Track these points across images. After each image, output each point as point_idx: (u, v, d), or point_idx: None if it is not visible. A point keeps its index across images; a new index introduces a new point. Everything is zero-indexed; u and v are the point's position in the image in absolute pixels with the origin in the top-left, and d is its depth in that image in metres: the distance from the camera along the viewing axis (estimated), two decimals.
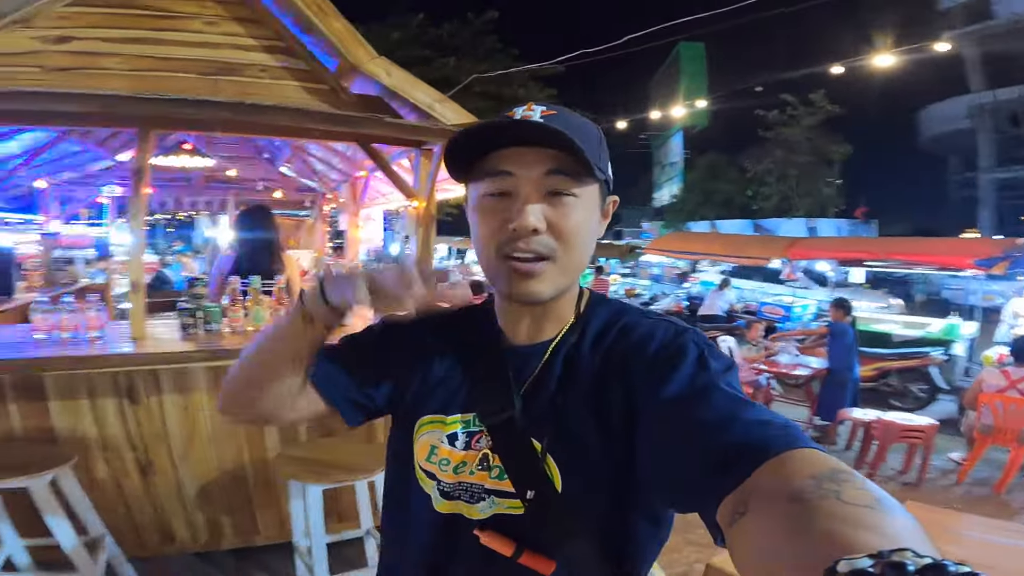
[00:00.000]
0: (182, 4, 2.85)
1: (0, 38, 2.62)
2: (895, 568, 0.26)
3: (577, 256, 0.70)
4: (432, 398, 0.78)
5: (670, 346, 0.67)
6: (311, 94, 2.98)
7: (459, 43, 12.55)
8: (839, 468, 0.43)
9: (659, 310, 9.89)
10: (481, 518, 0.71)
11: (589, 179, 0.68)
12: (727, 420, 0.54)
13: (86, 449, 2.43)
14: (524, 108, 0.69)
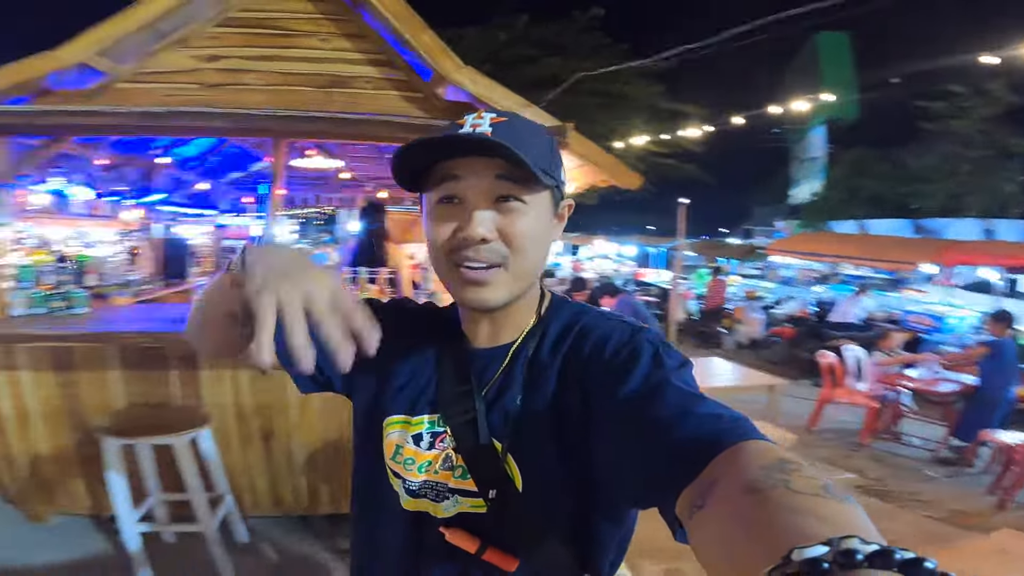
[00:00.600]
0: (301, 23, 3.14)
1: (165, 57, 3.06)
2: (845, 555, 0.27)
3: (529, 261, 0.71)
4: (399, 399, 0.80)
5: (626, 346, 0.68)
6: (409, 102, 3.18)
7: (565, 41, 12.46)
8: (787, 458, 0.44)
9: (781, 314, 9.26)
10: (446, 516, 0.73)
11: (537, 186, 0.68)
12: (680, 415, 0.55)
13: (223, 415, 2.79)
14: (475, 116, 0.70)
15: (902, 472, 4.32)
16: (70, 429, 2.73)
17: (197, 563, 2.61)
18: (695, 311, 10.56)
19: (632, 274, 15.37)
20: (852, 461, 4.45)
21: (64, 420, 2.72)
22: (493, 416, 0.74)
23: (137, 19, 2.72)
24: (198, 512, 2.49)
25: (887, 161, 23.30)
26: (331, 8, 3.15)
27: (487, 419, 0.73)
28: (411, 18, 2.93)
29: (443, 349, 0.80)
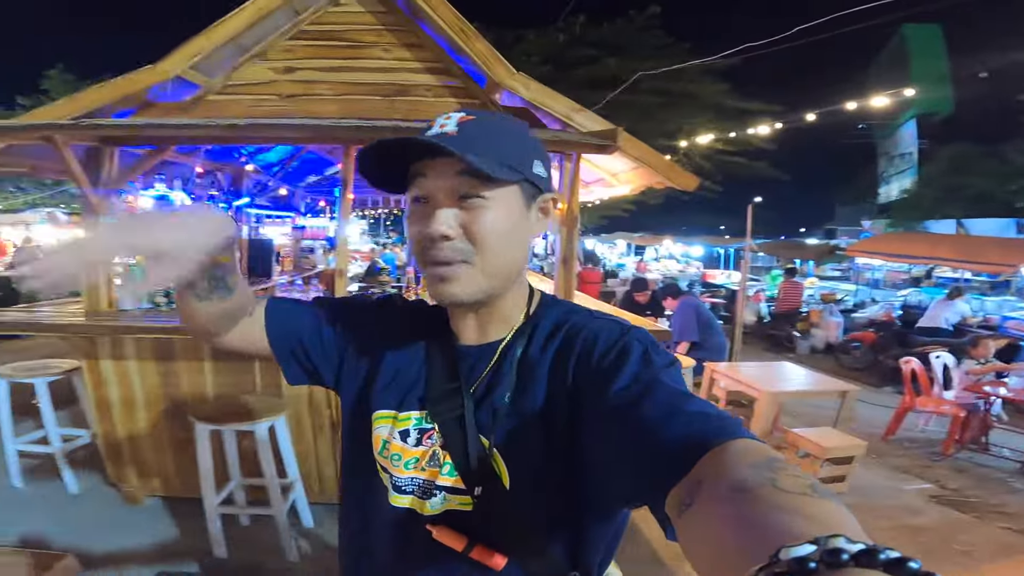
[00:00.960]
0: (364, 35, 3.28)
1: (247, 70, 3.27)
2: (832, 554, 0.28)
3: (499, 258, 0.70)
4: (387, 394, 0.80)
5: (615, 345, 0.68)
6: (465, 107, 3.27)
7: (624, 41, 12.26)
8: (775, 456, 0.44)
9: (863, 318, 8.74)
10: (433, 513, 0.73)
11: (499, 182, 0.68)
12: (669, 414, 0.55)
13: (297, 405, 2.97)
14: (443, 116, 0.71)
15: (987, 483, 4.03)
16: (167, 415, 3.00)
17: (266, 546, 2.80)
18: (766, 314, 10.15)
19: (699, 275, 14.96)
20: (932, 471, 4.19)
21: (162, 407, 2.99)
22: (481, 413, 0.74)
23: (222, 34, 2.93)
24: (271, 497, 2.65)
25: (993, 157, 21.37)
26: (391, 19, 3.27)
27: (475, 416, 0.73)
28: (465, 27, 3.01)
29: (432, 345, 0.81)
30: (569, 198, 3.05)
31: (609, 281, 12.23)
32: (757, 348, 9.17)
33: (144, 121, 2.98)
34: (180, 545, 2.79)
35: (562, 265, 3.15)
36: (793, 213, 46.88)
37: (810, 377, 4.43)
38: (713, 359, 4.71)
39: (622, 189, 4.16)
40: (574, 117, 2.99)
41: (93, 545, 2.71)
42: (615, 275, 13.85)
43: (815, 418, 4.99)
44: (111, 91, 2.89)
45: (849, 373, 7.24)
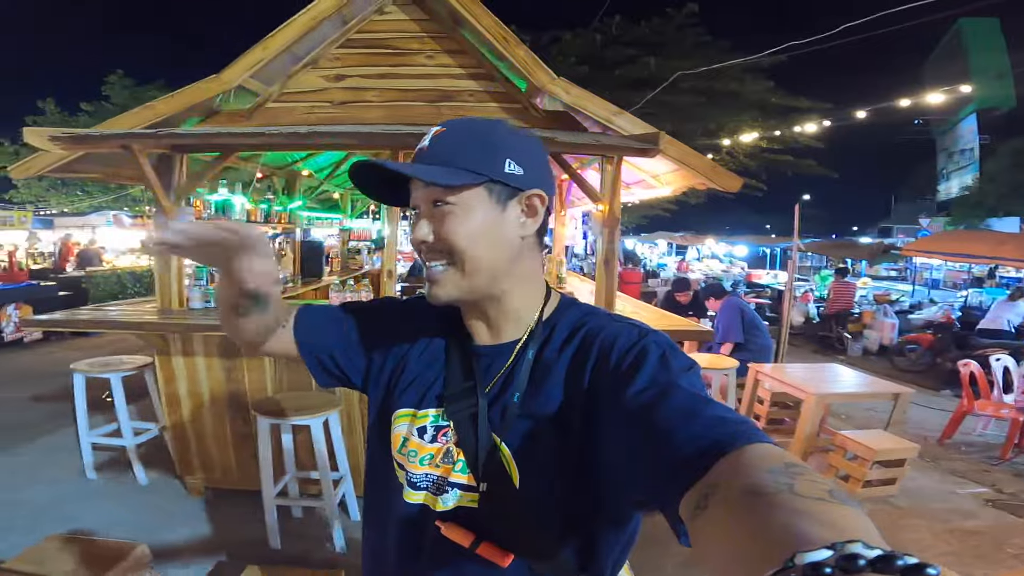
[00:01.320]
0: (408, 42, 3.37)
1: (301, 78, 3.40)
2: (848, 559, 0.27)
3: (475, 258, 0.72)
4: (408, 393, 0.82)
5: (633, 348, 0.68)
6: (508, 112, 3.34)
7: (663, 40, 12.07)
8: (792, 462, 0.44)
9: (919, 319, 8.40)
10: (444, 509, 0.75)
11: (456, 187, 0.70)
12: (685, 418, 0.54)
13: (350, 401, 3.08)
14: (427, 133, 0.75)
15: None
16: (229, 410, 3.16)
17: (315, 537, 2.92)
18: (815, 315, 9.86)
19: (743, 275, 14.63)
20: (988, 475, 4.03)
21: (226, 401, 3.15)
22: (494, 412, 0.75)
23: (278, 43, 3.07)
24: (324, 489, 2.77)
25: None
26: (434, 27, 3.35)
27: (488, 415, 0.75)
28: (506, 34, 3.07)
29: (452, 345, 0.83)
30: (610, 200, 3.07)
31: (650, 281, 12.11)
32: (805, 350, 8.92)
33: (215, 130, 3.15)
34: (238, 535, 2.92)
35: (603, 266, 3.17)
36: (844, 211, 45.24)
37: (861, 379, 4.31)
38: (758, 360, 4.64)
39: (663, 190, 4.15)
40: (614, 120, 3.01)
41: (160, 535, 2.86)
42: (656, 275, 13.70)
43: (866, 421, 4.88)
44: (181, 100, 3.07)
45: (904, 376, 6.98)
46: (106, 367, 3.44)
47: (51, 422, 4.48)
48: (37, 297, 7.79)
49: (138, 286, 9.67)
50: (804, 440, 3.79)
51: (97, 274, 9.40)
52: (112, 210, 14.23)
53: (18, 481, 3.47)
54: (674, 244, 19.75)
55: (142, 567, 1.93)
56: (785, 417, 4.50)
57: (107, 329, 3.04)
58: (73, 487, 3.42)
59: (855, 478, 3.47)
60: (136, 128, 3.01)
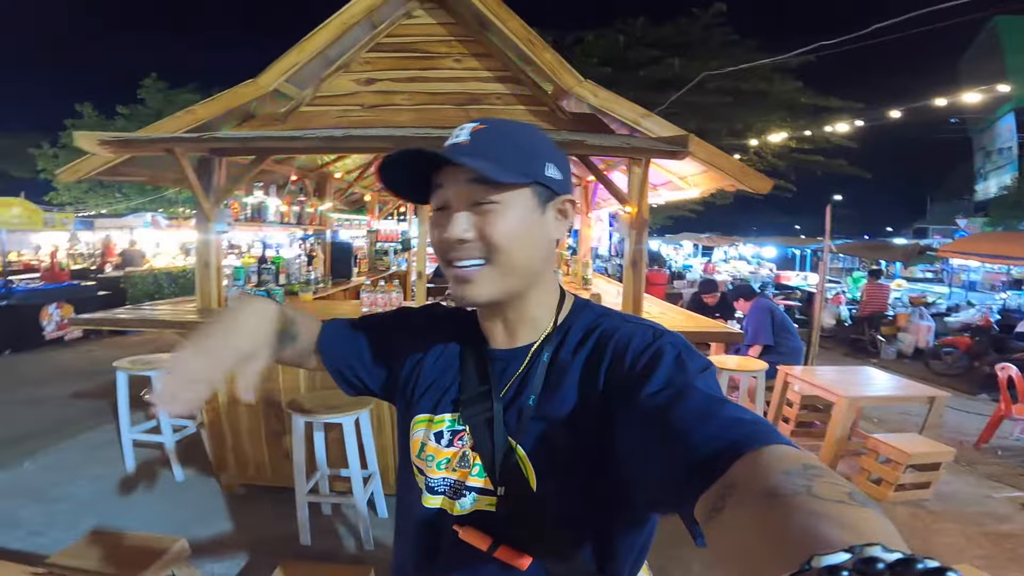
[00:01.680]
0: (436, 46, 3.42)
1: (333, 82, 3.47)
2: (866, 563, 0.27)
3: (515, 258, 0.72)
4: (426, 398, 0.83)
5: (647, 349, 0.68)
6: (535, 115, 3.36)
7: (689, 40, 11.94)
8: (810, 463, 0.43)
9: (956, 322, 8.16)
10: (462, 513, 0.75)
11: (508, 186, 0.70)
12: (702, 419, 0.54)
13: (380, 401, 3.14)
14: (459, 128, 0.74)
15: None
16: (264, 408, 3.24)
17: (344, 534, 2.98)
18: (847, 317, 9.66)
19: (771, 277, 14.39)
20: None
21: (260, 400, 3.23)
22: (510, 416, 0.75)
23: (311, 47, 3.14)
24: (354, 487, 2.82)
25: None
26: (460, 31, 3.39)
27: (504, 418, 0.75)
28: (533, 38, 3.10)
29: (466, 349, 0.84)
30: (639, 202, 3.08)
31: (675, 283, 12.01)
32: (836, 353, 8.75)
33: (255, 133, 3.24)
34: (270, 531, 2.98)
35: (631, 268, 3.17)
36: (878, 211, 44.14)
37: (894, 382, 4.23)
38: (788, 363, 4.58)
39: (691, 192, 4.12)
40: (642, 122, 3.02)
41: (195, 531, 2.94)
42: (682, 277, 13.58)
43: (900, 425, 4.79)
44: (219, 104, 3.17)
45: (940, 379, 6.81)
46: (148, 365, 3.55)
47: (92, 419, 4.64)
48: (78, 297, 8.08)
49: (174, 287, 9.96)
50: (835, 443, 3.74)
51: (135, 274, 9.71)
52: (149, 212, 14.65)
53: (62, 477, 3.60)
54: (699, 245, 19.50)
55: (181, 561, 1.99)
56: (815, 420, 4.43)
57: (152, 328, 3.13)
58: (114, 483, 3.54)
59: (887, 482, 3.43)
60: (178, 132, 3.12)
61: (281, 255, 4.62)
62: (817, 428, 4.40)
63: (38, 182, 16.69)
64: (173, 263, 11.70)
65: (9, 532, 2.93)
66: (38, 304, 7.50)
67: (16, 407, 5.01)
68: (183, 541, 1.99)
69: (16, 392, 5.49)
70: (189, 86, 16.40)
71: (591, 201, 5.55)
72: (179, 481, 3.56)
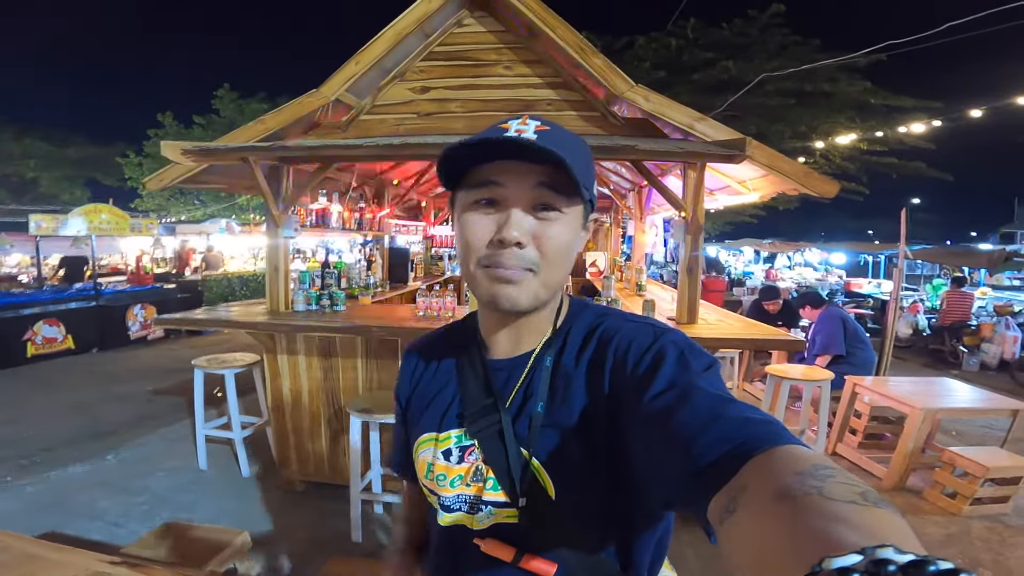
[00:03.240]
0: (487, 53, 3.47)
1: (390, 91, 3.58)
2: (878, 564, 0.27)
3: (557, 271, 0.71)
4: (427, 417, 0.83)
5: (650, 349, 0.67)
6: (586, 120, 3.36)
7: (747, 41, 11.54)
8: (822, 463, 0.43)
9: None
10: (481, 528, 0.75)
11: (576, 197, 0.69)
12: (710, 419, 0.53)
13: None
14: (519, 121, 0.68)
15: None
16: (325, 406, 3.37)
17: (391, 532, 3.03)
18: (925, 326, 9.06)
19: (841, 284, 13.68)
20: None
21: (322, 398, 3.37)
22: (519, 425, 0.74)
23: (368, 58, 3.26)
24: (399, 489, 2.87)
25: None
26: (510, 38, 3.43)
27: (513, 429, 0.74)
28: (583, 44, 3.09)
29: (464, 363, 0.82)
30: (694, 207, 3.02)
31: (735, 290, 11.63)
32: (914, 364, 8.22)
33: (321, 142, 3.39)
34: (324, 527, 3.08)
35: (686, 274, 3.12)
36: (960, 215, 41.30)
37: (974, 394, 3.95)
38: (859, 374, 4.35)
39: (751, 196, 4.00)
40: (696, 126, 2.96)
41: (257, 524, 3.09)
42: (742, 283, 13.13)
43: (981, 439, 4.48)
44: (287, 114, 3.34)
45: None
46: (222, 364, 3.76)
47: (171, 415, 4.96)
48: (160, 299, 8.66)
49: (245, 290, 10.52)
50: (907, 456, 3.55)
51: (211, 278, 10.31)
52: (224, 218, 15.51)
53: (140, 471, 3.85)
54: (762, 252, 18.78)
55: (242, 554, 2.10)
56: (886, 432, 4.19)
57: (226, 328, 3.33)
58: (187, 477, 3.76)
59: (963, 495, 3.28)
60: (250, 141, 3.31)
61: (343, 260, 4.79)
62: (887, 440, 4.17)
63: (125, 190, 18.03)
64: (245, 267, 12.34)
65: (89, 523, 3.15)
66: (124, 305, 8.09)
67: (103, 403, 5.38)
68: (245, 535, 2.09)
69: (103, 389, 5.92)
70: (259, 95, 17.33)
71: (644, 206, 5.47)
72: (245, 476, 3.73)
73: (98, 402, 5.42)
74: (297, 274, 3.64)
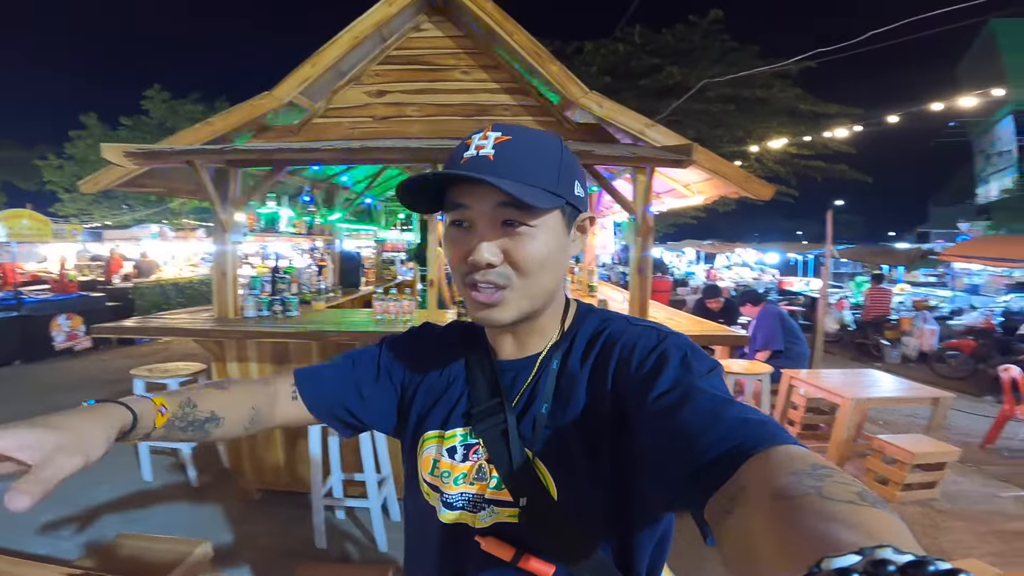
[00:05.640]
0: (445, 58, 3.49)
1: (345, 94, 3.54)
2: (877, 565, 0.27)
3: (539, 282, 0.71)
4: (433, 415, 0.83)
5: (653, 352, 0.68)
6: (542, 125, 3.42)
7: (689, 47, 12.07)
8: (819, 463, 0.43)
9: (959, 325, 8.20)
10: (483, 526, 0.75)
11: (540, 209, 0.67)
12: (710, 420, 0.54)
13: None
14: (480, 136, 0.69)
15: None
16: None
17: (357, 538, 3.02)
18: (850, 322, 9.71)
19: (775, 283, 14.44)
20: None
21: None
22: (523, 426, 0.75)
23: (324, 60, 3.21)
24: (368, 491, 2.87)
25: None
26: (468, 43, 3.47)
27: (518, 429, 0.75)
28: (539, 50, 3.17)
29: (472, 362, 0.83)
30: (643, 210, 3.15)
31: (679, 289, 12.08)
32: (843, 357, 8.81)
33: (273, 145, 3.31)
34: (286, 535, 3.03)
35: (637, 274, 3.23)
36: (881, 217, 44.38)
37: (898, 384, 4.27)
38: (794, 367, 4.63)
39: (695, 199, 4.19)
40: (647, 132, 3.08)
41: (214, 535, 2.99)
42: (685, 283, 13.65)
43: (907, 427, 4.86)
44: (236, 117, 3.25)
45: (945, 382, 6.86)
46: (164, 373, 3.61)
47: None
48: (87, 308, 8.13)
49: (182, 297, 10.04)
50: (840, 445, 3.79)
51: (143, 285, 9.80)
52: (154, 223, 14.77)
53: (81, 484, 3.61)
54: (702, 252, 19.57)
55: (205, 564, 2.03)
56: (820, 423, 4.48)
57: (172, 336, 3.20)
58: (132, 490, 3.58)
59: (894, 482, 3.47)
60: (196, 144, 3.20)
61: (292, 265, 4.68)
62: (822, 431, 4.45)
63: (44, 194, 16.85)
64: (180, 274, 11.79)
65: (33, 537, 2.99)
66: (48, 315, 7.56)
67: (33, 416, 5.02)
68: (207, 544, 2.02)
69: (33, 401, 5.54)
70: (192, 96, 16.58)
71: (595, 209, 5.62)
72: (195, 487, 3.61)
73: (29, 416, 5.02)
74: (246, 279, 3.54)
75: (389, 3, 3.22)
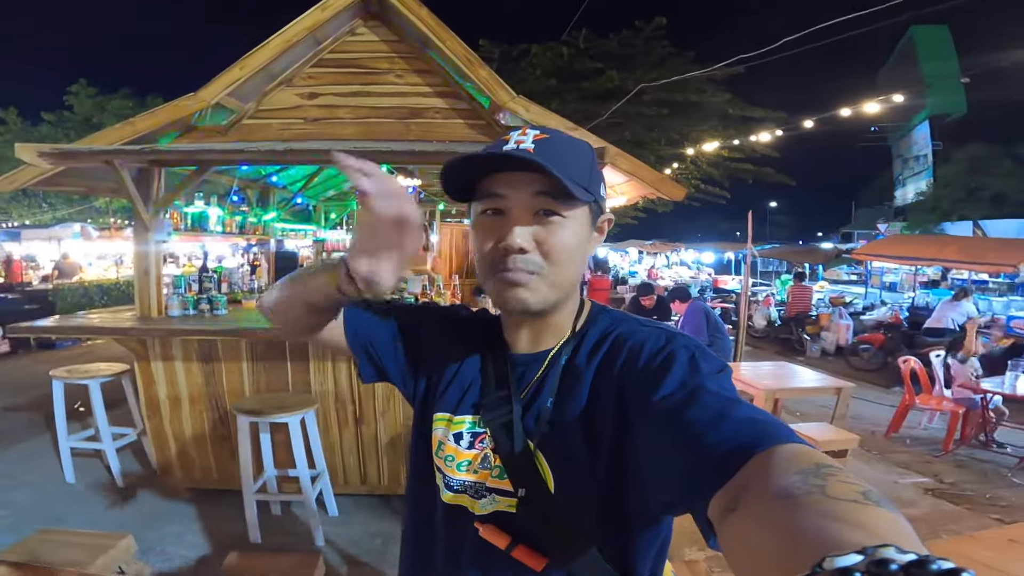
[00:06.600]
0: (379, 62, 3.56)
1: (276, 96, 3.56)
2: (879, 564, 0.26)
3: (565, 272, 0.73)
4: (444, 397, 0.84)
5: (661, 352, 0.69)
6: (472, 128, 3.55)
7: (631, 52, 12.50)
8: (824, 462, 0.43)
9: (871, 320, 8.85)
10: (483, 513, 0.76)
11: (575, 201, 0.70)
12: (716, 420, 0.54)
13: (326, 401, 3.21)
14: (519, 132, 0.72)
15: (985, 478, 4.17)
16: (209, 411, 3.28)
17: (294, 532, 3.05)
18: (776, 318, 10.30)
19: (710, 281, 15.11)
20: (931, 466, 4.34)
21: (205, 403, 3.27)
22: (528, 418, 0.76)
23: (254, 63, 3.23)
24: (302, 485, 2.90)
25: (1010, 158, 21.27)
26: (402, 48, 3.54)
27: (523, 421, 0.76)
28: (470, 56, 3.28)
29: (488, 354, 0.84)
30: None
31: (619, 288, 12.48)
32: (768, 352, 9.28)
33: (198, 146, 3.28)
34: (219, 531, 3.03)
35: None
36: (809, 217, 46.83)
37: (808, 376, 4.62)
38: None
39: (619, 200, 4.42)
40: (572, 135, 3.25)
41: (142, 533, 2.89)
42: (625, 282, 14.09)
43: (821, 417, 5.15)
44: (160, 117, 3.22)
45: (859, 375, 7.33)
46: (85, 374, 3.51)
47: (26, 431, 4.48)
48: (1, 310, 7.67)
49: (106, 299, 9.61)
50: None
51: (64, 287, 9.31)
52: (77, 222, 13.97)
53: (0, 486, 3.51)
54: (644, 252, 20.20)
55: (128, 556, 2.05)
56: None
57: (91, 335, 3.13)
58: (54, 490, 3.49)
59: None
60: (117, 143, 3.14)
61: (223, 264, 4.61)
62: None
63: None
64: (105, 275, 11.24)
65: None
66: None
67: None
68: (130, 537, 2.04)
69: None
70: (121, 91, 15.79)
71: None
72: (121, 487, 3.53)
73: None
74: (171, 279, 3.49)
75: (323, 8, 3.27)
